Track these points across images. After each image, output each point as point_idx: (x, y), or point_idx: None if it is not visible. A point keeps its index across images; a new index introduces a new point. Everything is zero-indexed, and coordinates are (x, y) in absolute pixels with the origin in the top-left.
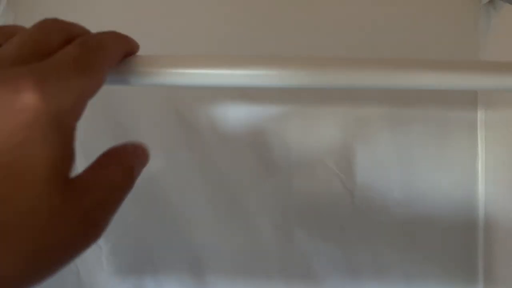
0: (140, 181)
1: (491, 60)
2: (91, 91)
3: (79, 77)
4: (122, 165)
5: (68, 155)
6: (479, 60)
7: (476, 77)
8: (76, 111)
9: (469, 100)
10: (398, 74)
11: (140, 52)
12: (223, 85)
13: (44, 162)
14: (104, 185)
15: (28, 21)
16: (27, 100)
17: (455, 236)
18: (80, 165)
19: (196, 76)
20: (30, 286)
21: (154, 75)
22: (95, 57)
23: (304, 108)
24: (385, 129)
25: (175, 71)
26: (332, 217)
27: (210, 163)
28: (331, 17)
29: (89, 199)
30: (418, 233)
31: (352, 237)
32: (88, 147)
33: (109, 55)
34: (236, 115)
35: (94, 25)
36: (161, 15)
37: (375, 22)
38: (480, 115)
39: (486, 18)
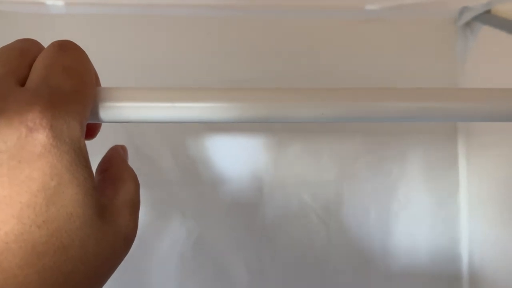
0: None
1: (470, 83)
2: (89, 109)
3: (76, 98)
4: (132, 173)
5: (94, 184)
6: (456, 89)
7: (455, 107)
8: (83, 134)
9: (449, 129)
10: (370, 106)
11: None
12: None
13: (82, 201)
14: (128, 199)
15: None
16: (43, 140)
17: (438, 286)
18: None
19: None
20: None
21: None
22: (84, 72)
23: (275, 137)
24: (361, 160)
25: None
26: (308, 256)
27: (174, 201)
28: (302, 43)
29: (122, 218)
30: (398, 276)
31: (328, 277)
32: None
33: (93, 70)
34: (202, 148)
35: None
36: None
37: (355, 42)
38: (461, 145)
39: (463, 41)
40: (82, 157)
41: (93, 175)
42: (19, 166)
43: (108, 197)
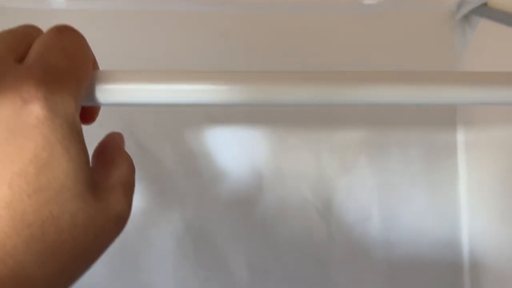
0: None
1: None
2: (84, 88)
3: (71, 77)
4: (127, 157)
5: (88, 159)
6: (456, 71)
7: (455, 89)
8: (78, 111)
9: (448, 120)
10: (368, 88)
11: None
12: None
13: (73, 174)
14: (122, 180)
15: None
16: (37, 111)
17: (439, 277)
18: None
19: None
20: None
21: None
22: (80, 54)
23: (275, 131)
24: (362, 154)
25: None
26: (308, 251)
27: (174, 196)
28: (300, 38)
29: (114, 197)
30: (399, 268)
31: (329, 272)
32: None
33: (90, 53)
34: (201, 140)
35: None
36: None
37: (353, 36)
38: (460, 136)
39: (461, 34)
40: (75, 132)
41: (86, 151)
42: (12, 136)
43: (102, 176)
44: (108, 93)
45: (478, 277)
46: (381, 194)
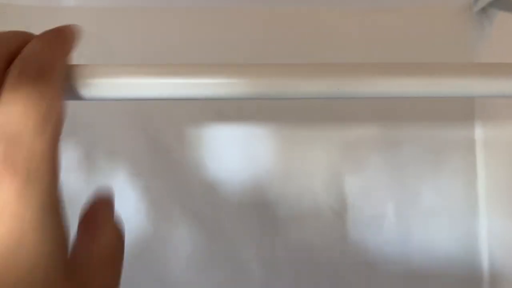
0: None
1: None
2: (61, 126)
3: (45, 123)
4: (114, 227)
5: (65, 239)
6: (475, 63)
7: (473, 80)
8: (55, 165)
9: (466, 116)
10: (385, 80)
11: None
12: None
13: (44, 260)
14: (107, 254)
15: None
16: (5, 189)
17: (458, 281)
18: None
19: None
20: None
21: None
22: (44, 87)
23: (286, 129)
24: (375, 151)
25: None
26: (323, 249)
27: (185, 194)
28: (308, 33)
29: (96, 276)
30: (415, 268)
31: (343, 271)
32: None
33: (55, 76)
34: (212, 137)
35: None
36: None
37: (366, 31)
38: (478, 132)
39: (479, 27)
40: (53, 206)
41: (65, 227)
42: None
43: (84, 251)
44: (93, 87)
45: (497, 283)
46: (396, 193)
